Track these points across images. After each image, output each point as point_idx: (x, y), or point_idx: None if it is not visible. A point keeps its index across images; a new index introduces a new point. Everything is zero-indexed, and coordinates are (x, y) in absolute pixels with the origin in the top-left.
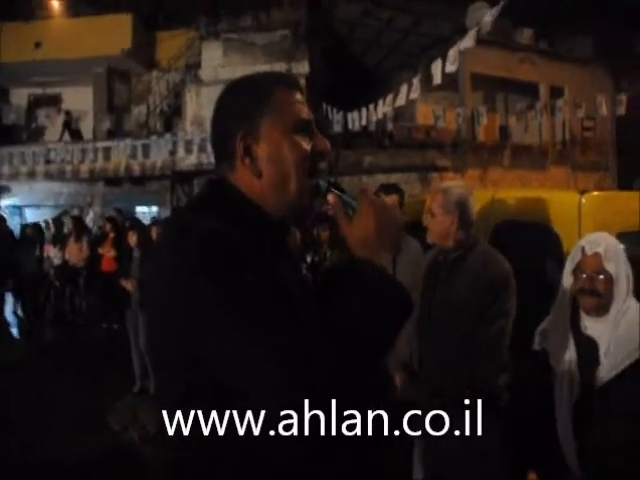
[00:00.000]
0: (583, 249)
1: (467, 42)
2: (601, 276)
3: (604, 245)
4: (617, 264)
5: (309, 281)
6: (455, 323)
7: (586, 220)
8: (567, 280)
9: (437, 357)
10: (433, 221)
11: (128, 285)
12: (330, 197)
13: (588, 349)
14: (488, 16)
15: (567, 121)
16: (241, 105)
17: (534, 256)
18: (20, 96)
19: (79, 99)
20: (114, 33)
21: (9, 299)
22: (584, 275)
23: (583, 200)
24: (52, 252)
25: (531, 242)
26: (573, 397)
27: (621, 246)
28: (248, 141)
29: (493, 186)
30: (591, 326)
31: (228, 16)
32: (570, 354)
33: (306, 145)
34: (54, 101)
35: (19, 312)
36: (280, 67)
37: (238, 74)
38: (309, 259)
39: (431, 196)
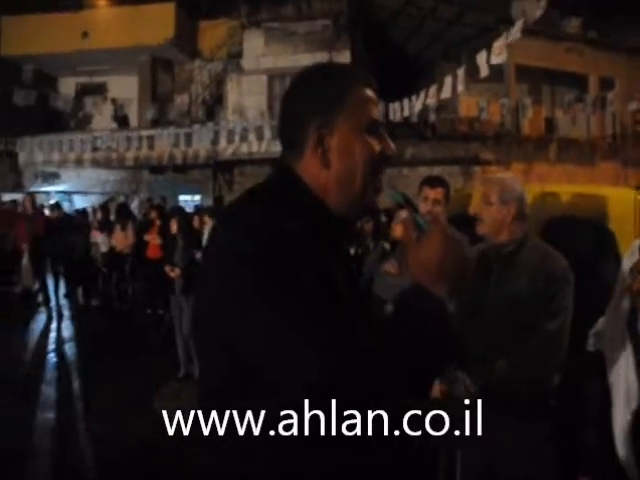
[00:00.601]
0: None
1: (514, 34)
2: None
3: None
4: None
5: (358, 281)
6: (511, 319)
7: None
8: (624, 281)
9: (490, 355)
10: (488, 211)
11: (172, 273)
12: (404, 213)
13: None
14: (538, 9)
15: (618, 114)
16: (320, 94)
17: (587, 254)
18: (68, 85)
19: (124, 87)
20: (158, 22)
21: (61, 284)
22: None
23: (638, 197)
24: (99, 238)
25: (584, 240)
26: (630, 401)
27: None
28: (322, 131)
29: (538, 180)
30: None
31: (270, 5)
32: (627, 357)
33: (376, 146)
34: (100, 89)
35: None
36: (321, 57)
37: (279, 63)
38: (352, 251)
39: (487, 185)
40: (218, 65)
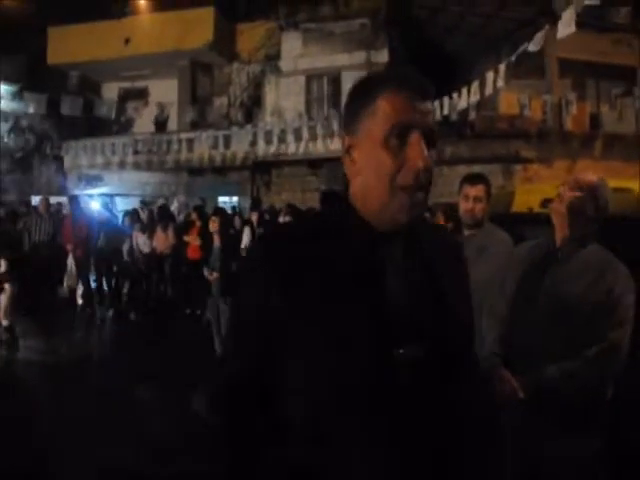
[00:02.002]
0: None
1: (566, 28)
2: None
3: None
4: None
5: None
6: (565, 323)
7: None
8: None
9: (544, 362)
10: (578, 200)
11: (211, 276)
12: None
13: None
14: None
15: None
16: (348, 107)
17: None
18: (111, 90)
19: (165, 91)
20: (197, 27)
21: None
22: None
23: None
24: (141, 240)
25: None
26: None
27: None
28: (350, 142)
29: None
30: None
31: (307, 6)
32: None
33: (394, 157)
34: (142, 94)
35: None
36: (359, 56)
37: (317, 64)
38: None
39: (574, 178)
40: (256, 67)
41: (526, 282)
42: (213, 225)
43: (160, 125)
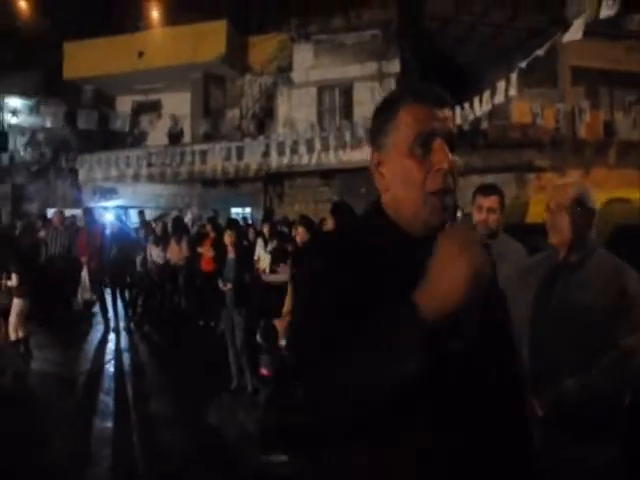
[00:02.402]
0: None
1: (574, 34)
2: None
3: None
4: None
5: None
6: (578, 334)
7: None
8: None
9: (556, 372)
10: (565, 219)
11: (225, 288)
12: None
13: None
14: (605, 8)
15: None
16: (376, 121)
17: None
18: (125, 103)
19: (178, 104)
20: (210, 39)
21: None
22: None
23: None
24: (154, 252)
25: None
26: None
27: None
28: (379, 158)
29: (597, 187)
30: None
31: (319, 18)
32: None
33: (422, 164)
34: (155, 107)
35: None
36: (370, 67)
37: (329, 75)
38: None
39: (563, 191)
40: (268, 79)
41: (536, 296)
42: (228, 238)
43: (174, 137)
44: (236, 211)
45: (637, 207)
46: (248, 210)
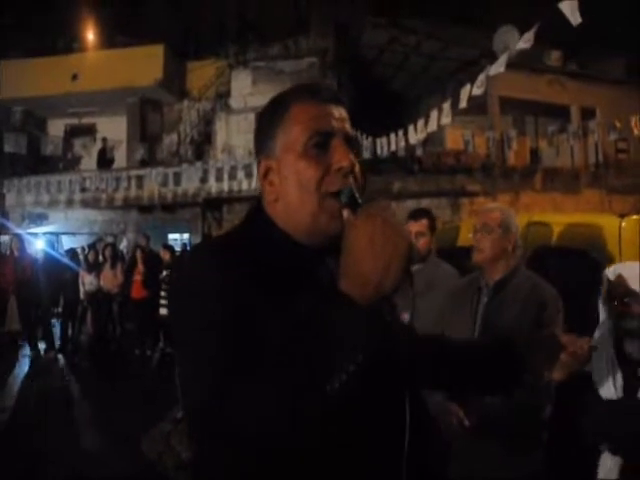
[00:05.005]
0: (607, 278)
1: (498, 67)
2: (630, 298)
3: (625, 269)
4: None
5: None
6: None
7: (627, 244)
8: (603, 308)
9: None
10: (489, 239)
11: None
12: (345, 212)
13: (631, 371)
14: (522, 42)
15: (600, 143)
16: (261, 127)
17: (573, 283)
18: (57, 126)
19: (113, 128)
20: (147, 64)
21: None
22: (615, 301)
23: (623, 224)
24: (87, 279)
25: (570, 268)
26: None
27: None
28: (267, 164)
29: (525, 210)
30: (633, 347)
31: (257, 45)
32: (615, 377)
33: (319, 163)
34: (90, 131)
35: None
36: None
37: (267, 102)
38: None
39: (487, 214)
40: (206, 105)
41: (464, 315)
42: (165, 256)
43: (104, 161)
44: (173, 237)
45: (554, 230)
46: (186, 236)
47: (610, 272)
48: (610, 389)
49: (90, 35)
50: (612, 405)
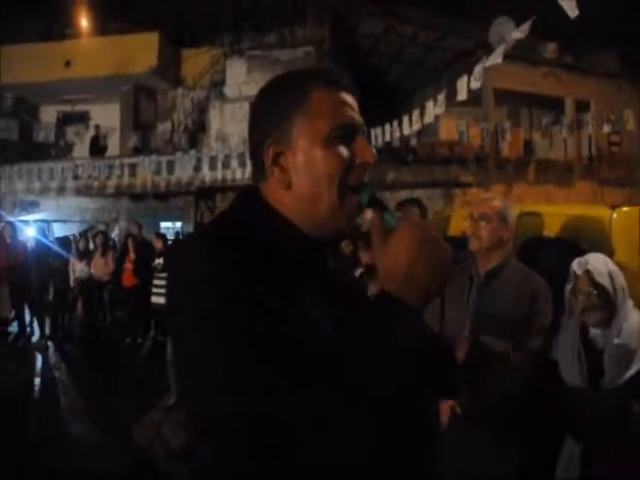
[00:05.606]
0: (574, 271)
1: (494, 59)
2: (595, 291)
3: (592, 262)
4: (609, 277)
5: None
6: (497, 338)
7: (617, 235)
8: (570, 299)
9: None
10: (487, 228)
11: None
12: (368, 213)
13: (595, 361)
14: (517, 33)
15: (593, 136)
16: (272, 108)
17: (560, 273)
18: (49, 113)
19: (107, 116)
20: (141, 51)
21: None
22: (581, 293)
23: (614, 215)
24: (78, 267)
25: (558, 259)
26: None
27: (609, 260)
28: (278, 149)
29: (518, 201)
30: (598, 338)
31: (252, 33)
32: (581, 366)
33: (344, 155)
34: (83, 118)
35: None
36: None
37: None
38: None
39: (485, 203)
40: (201, 93)
41: (455, 305)
42: (157, 244)
43: (97, 148)
44: (166, 225)
45: (545, 220)
46: (179, 224)
47: (577, 264)
48: (576, 377)
49: (84, 21)
50: (577, 393)
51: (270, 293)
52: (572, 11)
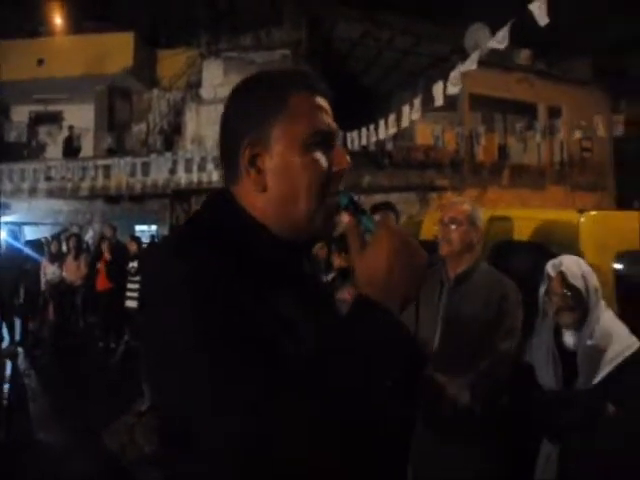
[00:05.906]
0: (548, 272)
1: (469, 65)
2: (569, 292)
3: (565, 264)
4: (582, 279)
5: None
6: (462, 342)
7: (585, 239)
8: (544, 301)
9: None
10: (457, 231)
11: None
12: (344, 217)
13: (570, 362)
14: (495, 42)
15: (565, 141)
16: (250, 108)
17: (530, 277)
18: (21, 113)
19: (81, 116)
20: (116, 51)
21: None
22: (555, 295)
23: (582, 219)
24: (49, 269)
25: (528, 263)
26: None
27: (582, 261)
28: (255, 150)
29: (491, 205)
30: (571, 340)
31: (229, 35)
32: (556, 368)
33: (322, 163)
34: (56, 118)
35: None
36: None
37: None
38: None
39: (454, 207)
40: (177, 94)
41: (424, 309)
42: (131, 247)
43: (70, 149)
44: (141, 228)
45: (516, 224)
46: (154, 227)
47: (551, 266)
48: (551, 379)
49: (58, 19)
50: (552, 395)
51: (246, 293)
52: (542, 19)
